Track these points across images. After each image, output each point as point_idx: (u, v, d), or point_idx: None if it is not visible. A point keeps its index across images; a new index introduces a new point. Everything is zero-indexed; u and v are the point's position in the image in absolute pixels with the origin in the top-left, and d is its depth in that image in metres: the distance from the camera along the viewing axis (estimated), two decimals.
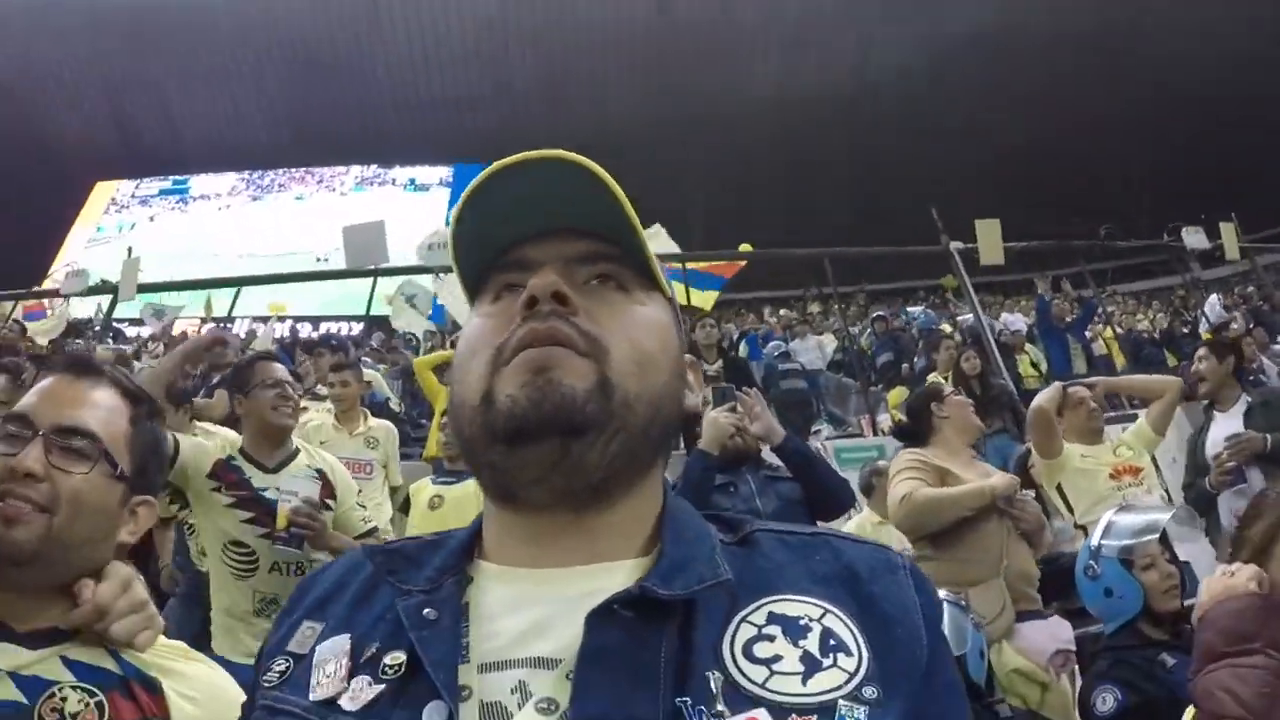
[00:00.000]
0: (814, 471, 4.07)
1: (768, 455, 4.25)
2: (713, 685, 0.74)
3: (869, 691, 0.75)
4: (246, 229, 29.63)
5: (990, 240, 9.96)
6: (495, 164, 0.91)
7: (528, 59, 31.21)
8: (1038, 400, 5.16)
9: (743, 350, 14.12)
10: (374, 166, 32.31)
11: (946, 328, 13.52)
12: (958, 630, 3.29)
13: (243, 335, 13.05)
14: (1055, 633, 3.84)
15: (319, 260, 20.19)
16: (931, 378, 9.36)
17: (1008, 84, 28.39)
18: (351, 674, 0.82)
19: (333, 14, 30.71)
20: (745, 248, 13.63)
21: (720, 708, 0.73)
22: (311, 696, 0.82)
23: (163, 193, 32.75)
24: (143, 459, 1.57)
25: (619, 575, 0.84)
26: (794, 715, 0.73)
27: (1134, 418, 7.28)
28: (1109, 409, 9.27)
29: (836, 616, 0.81)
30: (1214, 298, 15.48)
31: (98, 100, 33.08)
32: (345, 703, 0.80)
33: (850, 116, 30.31)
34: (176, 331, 15.47)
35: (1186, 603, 3.24)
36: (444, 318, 12.50)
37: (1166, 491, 5.81)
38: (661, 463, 0.95)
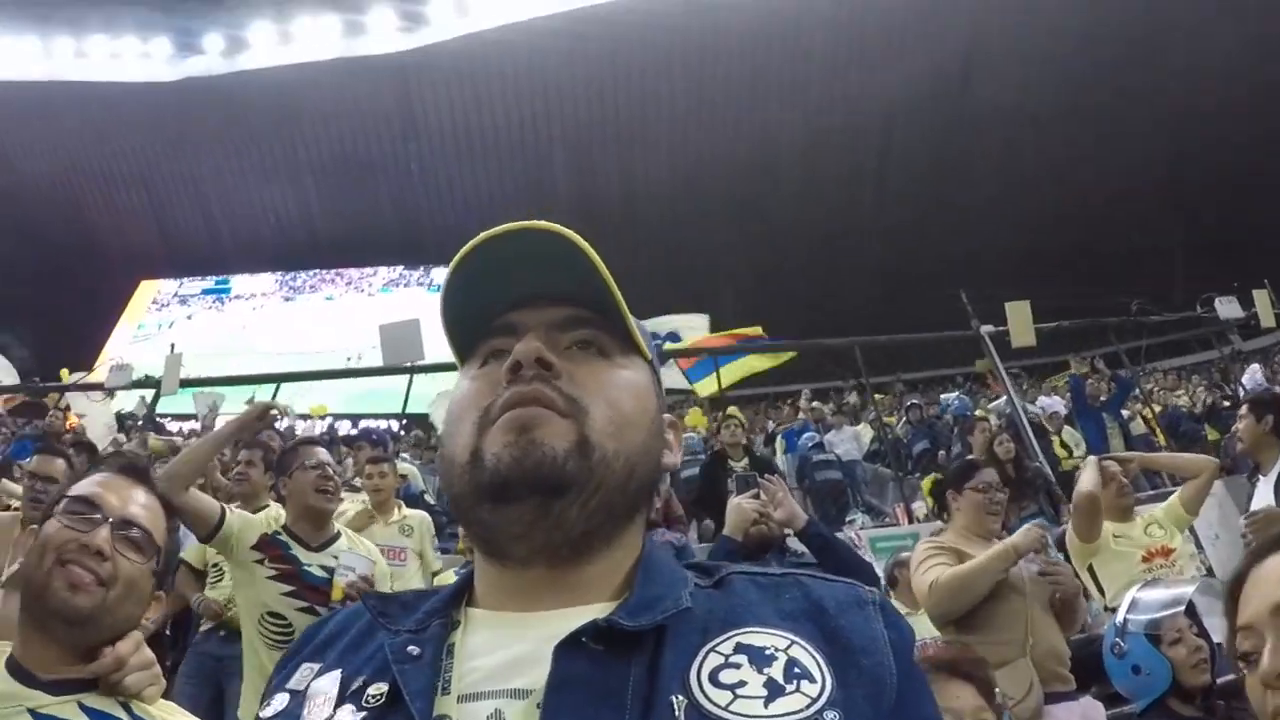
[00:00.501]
0: (835, 555, 4.02)
1: (794, 543, 4.23)
2: (676, 709, 0.77)
3: (830, 715, 0.77)
4: (283, 327, 30.23)
5: (1021, 322, 9.91)
6: (482, 234, 0.98)
7: (560, 155, 31.60)
8: (1084, 485, 4.98)
9: (779, 445, 14.06)
10: (399, 268, 32.78)
11: (981, 414, 13.37)
12: None
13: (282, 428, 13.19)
14: (1087, 714, 3.73)
15: (348, 360, 20.37)
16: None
17: (1032, 155, 28.43)
18: (338, 704, 0.86)
19: (369, 114, 31.44)
20: (755, 331, 13.66)
21: None
22: None
23: (204, 292, 33.85)
24: (167, 560, 1.92)
25: (588, 616, 0.85)
26: None
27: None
28: (1147, 486, 9.17)
29: (802, 647, 0.84)
30: (1254, 367, 15.31)
31: (139, 200, 34.07)
32: None
33: (879, 194, 30.45)
34: (219, 424, 15.61)
35: (1218, 680, 3.16)
36: None
37: (1209, 569, 5.78)
38: (640, 517, 1.00)
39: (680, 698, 0.78)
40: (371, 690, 0.85)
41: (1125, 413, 11.94)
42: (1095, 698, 3.91)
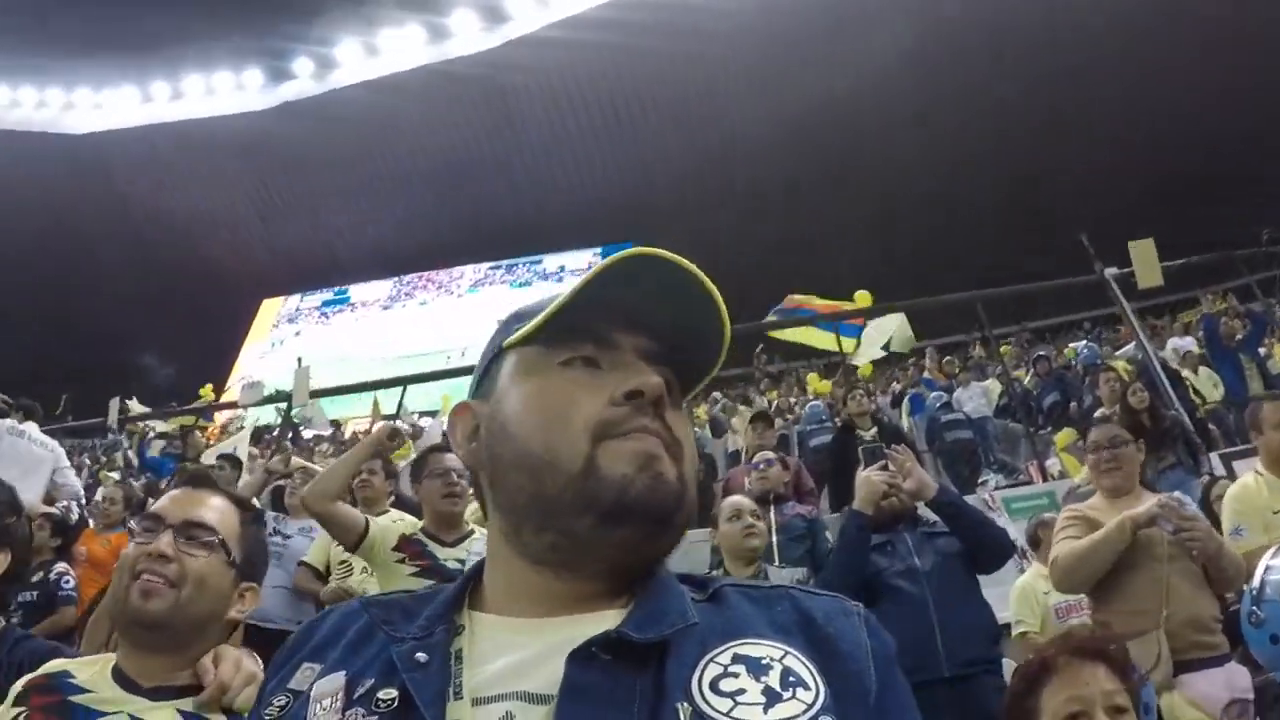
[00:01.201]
0: (968, 522, 4.01)
1: (925, 512, 4.20)
2: (682, 715, 0.80)
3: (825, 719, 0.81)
4: (403, 331, 30.86)
5: (1146, 262, 9.50)
6: (647, 251, 0.97)
7: (661, 131, 31.59)
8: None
9: (905, 408, 13.91)
10: (518, 260, 33.17)
11: (1110, 363, 12.93)
12: None
13: (409, 429, 13.47)
14: (1231, 681, 3.52)
15: (448, 359, 20.62)
16: (1099, 415, 9.00)
17: (1148, 80, 27.37)
18: (346, 708, 0.87)
19: (463, 115, 31.85)
20: (863, 294, 13.49)
21: None
22: None
23: (324, 304, 34.66)
24: (250, 553, 1.98)
25: (598, 624, 0.88)
26: None
27: None
28: None
29: (795, 657, 0.87)
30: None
31: (253, 224, 35.10)
32: None
33: (993, 144, 29.69)
34: (349, 434, 15.98)
35: None
36: None
37: None
38: None
39: (685, 705, 0.81)
40: (382, 695, 0.86)
41: (1262, 350, 11.49)
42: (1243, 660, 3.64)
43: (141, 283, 34.14)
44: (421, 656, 0.89)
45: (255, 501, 7.19)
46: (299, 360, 12.25)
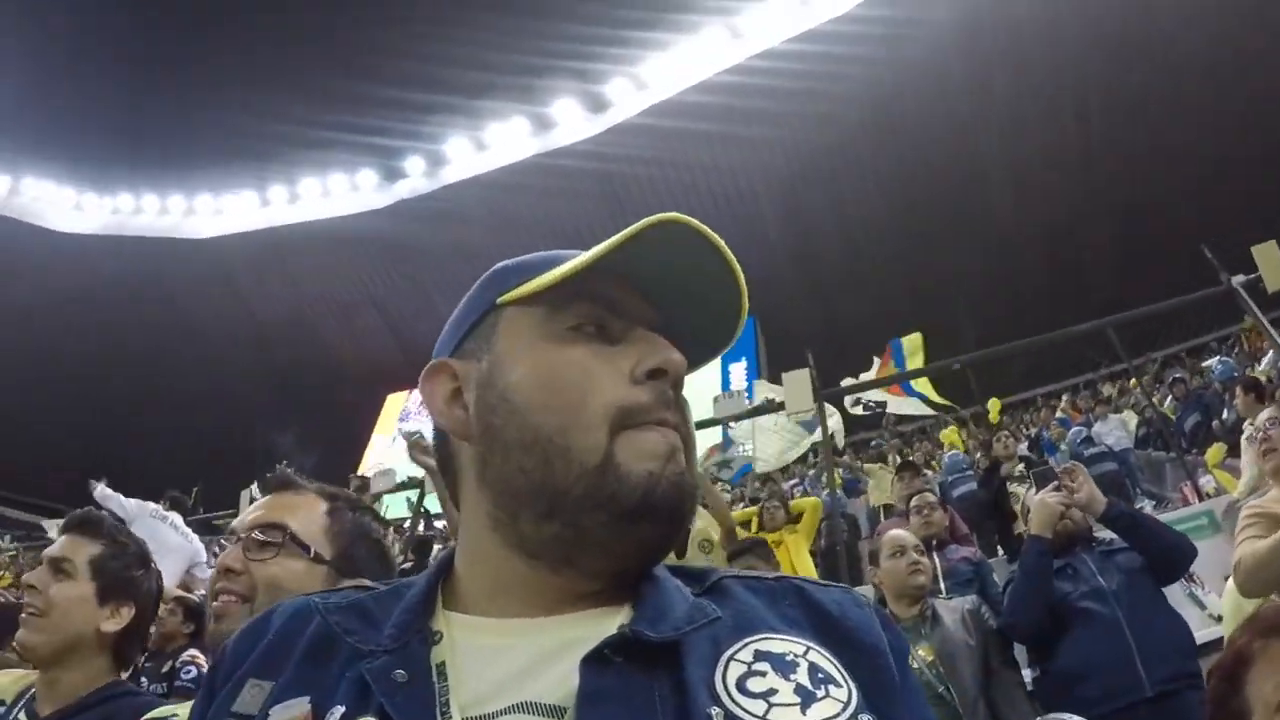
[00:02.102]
0: (1145, 532, 3.93)
1: (1099, 533, 4.14)
2: (714, 718, 0.75)
3: (865, 718, 0.78)
4: None
5: (1273, 265, 9.23)
6: (679, 217, 0.90)
7: (769, 204, 31.65)
8: None
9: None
10: None
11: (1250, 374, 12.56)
12: None
13: None
14: None
15: None
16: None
17: (1236, 86, 26.76)
18: None
19: (573, 203, 32.22)
20: (914, 340, 13.38)
21: None
22: None
23: None
24: (349, 545, 1.76)
25: (597, 623, 0.84)
26: None
27: None
28: None
29: (819, 653, 0.83)
30: None
31: (374, 320, 35.95)
32: None
33: (1089, 174, 29.26)
34: None
35: None
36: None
37: None
38: None
39: (717, 710, 0.76)
40: None
41: None
42: None
43: (266, 382, 35.23)
44: (400, 675, 0.81)
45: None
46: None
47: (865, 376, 14.21)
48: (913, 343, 13.93)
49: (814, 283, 30.70)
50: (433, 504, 14.45)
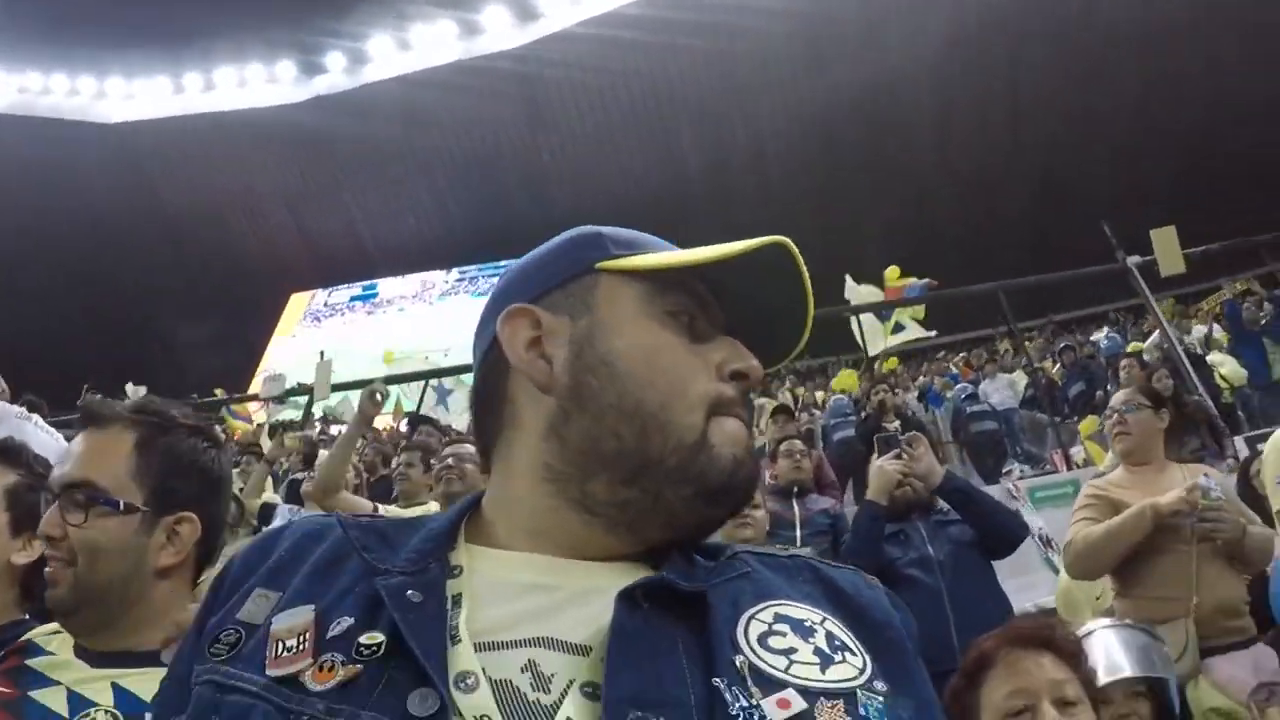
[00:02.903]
0: (977, 508, 4.00)
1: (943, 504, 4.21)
2: (739, 666, 0.76)
3: (879, 685, 0.79)
4: (432, 328, 30.73)
5: (1168, 249, 9.43)
6: (786, 243, 0.92)
7: (687, 127, 31.60)
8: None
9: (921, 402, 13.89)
10: None
11: (1132, 349, 12.87)
12: (1163, 660, 3.05)
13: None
14: (1259, 663, 3.46)
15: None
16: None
17: (1167, 69, 27.12)
18: (318, 650, 0.78)
19: (495, 111, 31.92)
20: (892, 270, 13.35)
21: (752, 688, 0.75)
22: (269, 671, 0.77)
23: (352, 299, 34.67)
24: (161, 479, 1.64)
25: (623, 575, 0.85)
26: (821, 699, 0.76)
27: None
28: None
29: (834, 624, 0.85)
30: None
31: (283, 217, 35.34)
32: (310, 681, 0.75)
33: (1015, 136, 29.61)
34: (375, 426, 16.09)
35: None
36: None
37: None
38: None
39: (740, 658, 0.77)
40: (364, 639, 0.77)
41: None
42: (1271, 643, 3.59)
43: (170, 272, 34.50)
44: (414, 595, 0.81)
45: (269, 494, 7.29)
46: (321, 354, 12.21)
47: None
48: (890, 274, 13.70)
49: (724, 205, 30.56)
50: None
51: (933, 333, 12.94)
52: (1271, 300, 11.92)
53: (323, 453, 9.19)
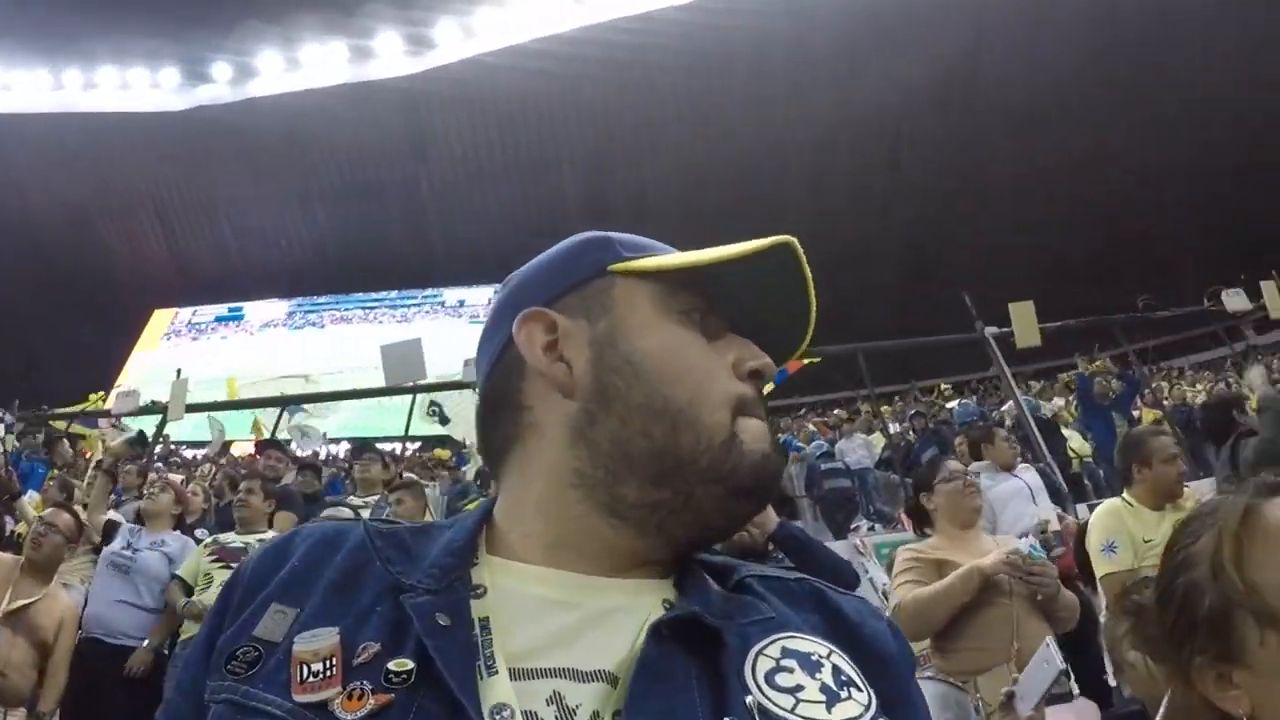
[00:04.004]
0: (810, 555, 4.00)
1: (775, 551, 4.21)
2: (749, 706, 0.75)
3: None
4: (294, 353, 30.34)
5: (1025, 322, 9.73)
6: (792, 243, 0.94)
7: (569, 171, 31.93)
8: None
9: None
10: (416, 293, 33.12)
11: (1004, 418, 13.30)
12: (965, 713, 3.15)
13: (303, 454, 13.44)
14: (1081, 716, 3.60)
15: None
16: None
17: (1040, 155, 28.34)
18: (346, 678, 0.75)
19: (379, 138, 31.81)
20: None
21: None
22: (295, 697, 0.74)
23: (217, 319, 34.03)
24: None
25: (641, 594, 0.85)
26: None
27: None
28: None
29: (841, 656, 0.83)
30: (1257, 369, 15.17)
31: (153, 229, 34.62)
32: (339, 709, 0.73)
33: (887, 208, 30.47)
34: (232, 452, 15.70)
35: None
36: None
37: None
38: None
39: (750, 698, 0.76)
40: (393, 666, 0.75)
41: (1135, 412, 11.95)
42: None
43: (29, 274, 33.34)
44: (443, 619, 0.78)
45: (112, 513, 7.14)
46: (178, 372, 11.93)
47: None
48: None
49: None
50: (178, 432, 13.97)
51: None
52: (1122, 377, 12.39)
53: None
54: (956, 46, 28.17)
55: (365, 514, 5.80)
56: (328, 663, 0.75)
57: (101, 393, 17.91)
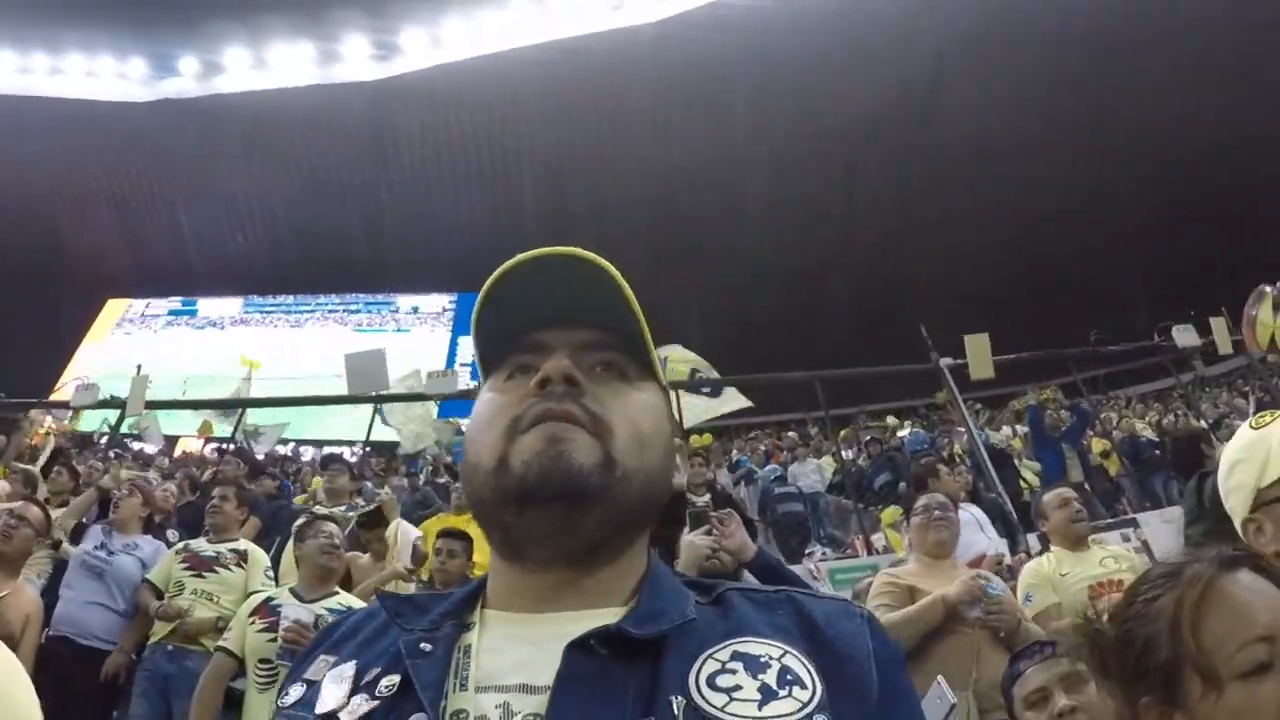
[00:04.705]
0: (783, 583, 4.02)
1: (750, 579, 4.24)
2: (675, 708, 0.81)
3: (819, 718, 0.82)
4: (247, 352, 30.05)
5: (980, 355, 9.93)
6: (517, 256, 1.04)
7: (530, 184, 31.87)
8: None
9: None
10: (371, 297, 32.96)
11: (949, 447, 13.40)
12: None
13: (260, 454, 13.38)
14: None
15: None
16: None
17: (993, 186, 28.61)
18: (352, 693, 0.91)
19: (341, 140, 31.62)
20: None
21: None
22: (317, 710, 0.92)
23: (171, 313, 33.86)
24: None
25: (598, 620, 0.91)
26: None
27: (1132, 522, 7.30)
28: (1105, 513, 9.26)
29: (795, 656, 0.88)
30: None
31: (110, 219, 34.19)
32: (344, 716, 0.88)
33: (842, 232, 30.64)
34: (178, 452, 15.51)
35: None
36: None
37: None
38: (646, 530, 1.06)
39: (679, 698, 0.82)
40: (384, 682, 0.90)
41: (1084, 442, 12.12)
42: None
43: None
44: (426, 646, 0.93)
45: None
46: (138, 368, 11.79)
47: None
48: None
49: None
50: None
51: (750, 404, 13.14)
52: (1071, 408, 12.57)
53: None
54: (910, 75, 28.42)
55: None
56: (342, 685, 0.93)
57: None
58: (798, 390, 14.17)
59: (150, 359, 20.02)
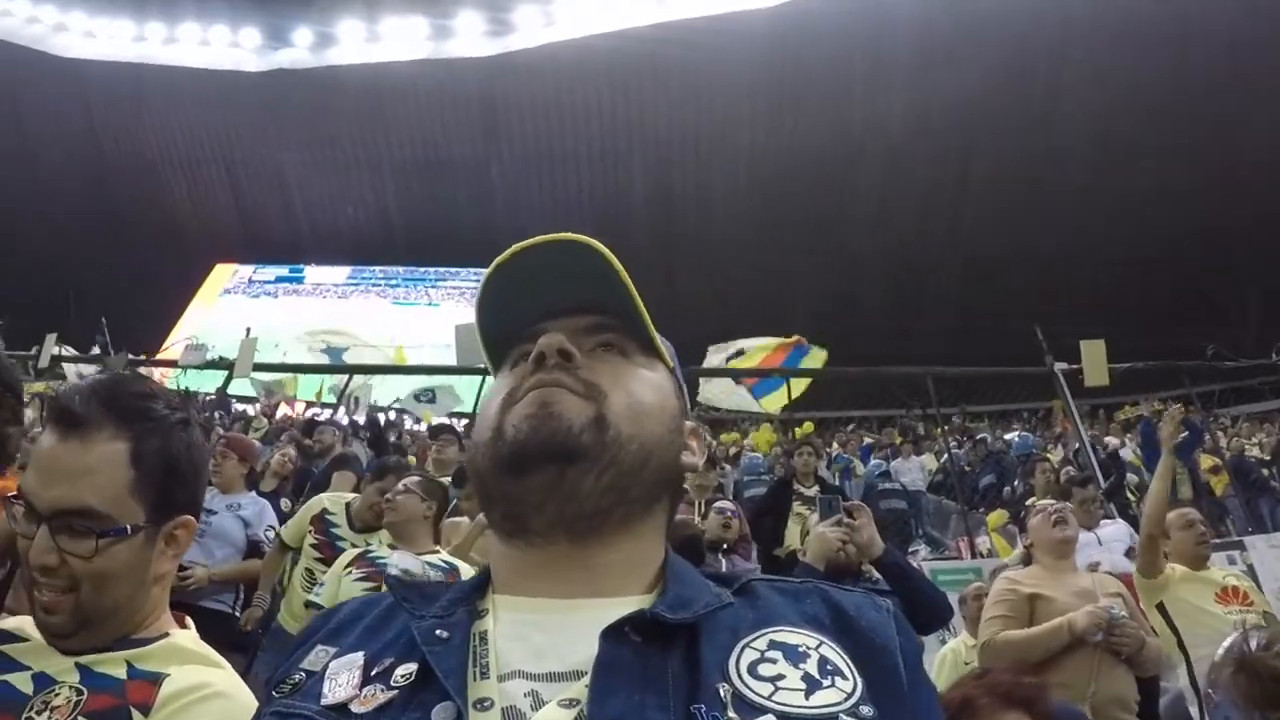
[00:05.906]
0: (911, 584, 3.94)
1: (868, 570, 4.23)
2: (722, 695, 0.81)
3: (865, 710, 0.83)
4: (352, 320, 30.51)
5: (1095, 361, 9.71)
6: (513, 247, 1.05)
7: (638, 168, 31.84)
8: (1146, 523, 4.98)
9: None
10: (478, 272, 33.00)
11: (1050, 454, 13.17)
12: None
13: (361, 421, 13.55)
14: None
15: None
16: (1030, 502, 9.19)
17: (1112, 192, 27.92)
18: (363, 684, 0.89)
19: (452, 115, 31.79)
20: (819, 353, 13.38)
21: (731, 715, 0.80)
22: (322, 702, 0.89)
23: (278, 279, 34.12)
24: (161, 488, 1.50)
25: (622, 608, 0.90)
26: None
27: (1239, 544, 7.18)
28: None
29: (831, 648, 0.89)
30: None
31: (221, 185, 34.79)
32: (355, 706, 0.86)
33: (953, 226, 30.19)
34: (280, 414, 15.92)
35: None
36: None
37: None
38: (661, 512, 1.05)
39: (725, 685, 0.82)
40: (400, 671, 0.88)
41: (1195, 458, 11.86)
42: None
43: (96, 220, 33.87)
44: (442, 633, 0.91)
45: None
46: (248, 330, 12.04)
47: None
48: (814, 359, 13.77)
49: (664, 237, 31.07)
50: (244, 388, 14.21)
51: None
52: (1185, 424, 12.28)
53: None
54: (1032, 76, 27.91)
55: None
56: (351, 674, 0.91)
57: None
58: (906, 384, 14.08)
59: (256, 323, 20.47)
